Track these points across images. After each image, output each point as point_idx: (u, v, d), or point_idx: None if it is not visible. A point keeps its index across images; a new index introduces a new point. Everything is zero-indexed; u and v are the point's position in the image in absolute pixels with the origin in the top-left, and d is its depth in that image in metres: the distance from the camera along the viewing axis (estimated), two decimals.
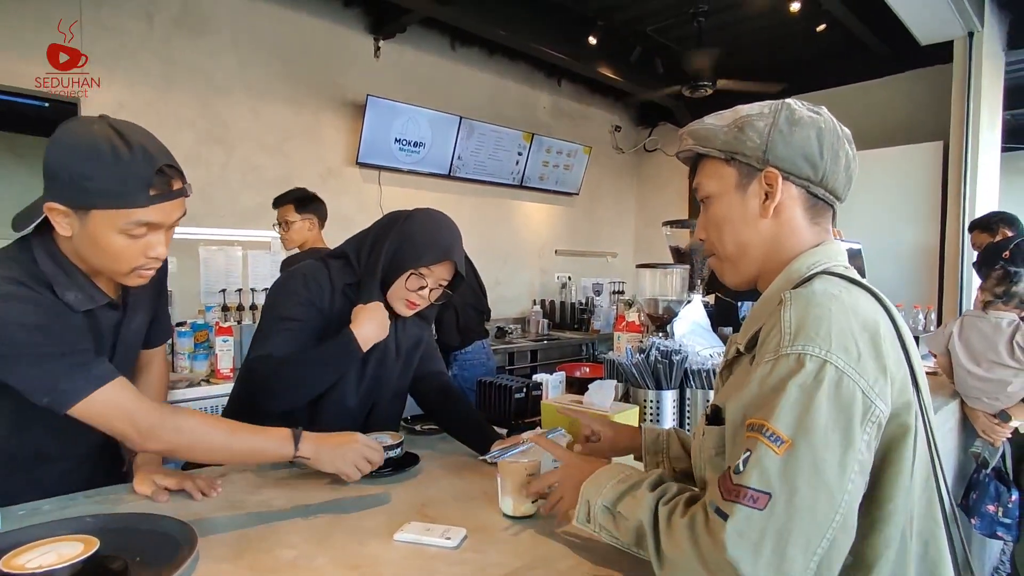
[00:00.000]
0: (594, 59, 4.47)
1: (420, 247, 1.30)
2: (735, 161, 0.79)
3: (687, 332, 1.71)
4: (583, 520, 0.83)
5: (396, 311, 1.33)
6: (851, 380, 0.63)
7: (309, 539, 0.93)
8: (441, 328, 3.11)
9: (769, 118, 0.78)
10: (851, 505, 0.63)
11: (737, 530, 0.61)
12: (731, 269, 0.84)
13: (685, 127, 0.86)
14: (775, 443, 0.62)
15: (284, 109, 3.60)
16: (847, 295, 0.70)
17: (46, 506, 1.03)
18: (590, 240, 5.68)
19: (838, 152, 0.78)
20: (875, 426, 0.64)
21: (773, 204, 0.78)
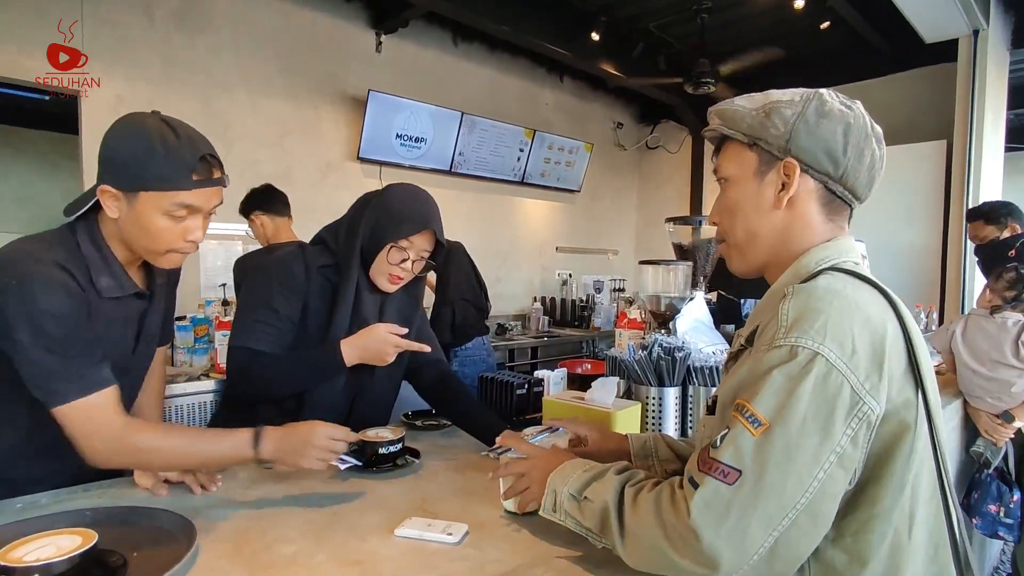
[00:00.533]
0: (596, 55, 4.45)
1: (398, 219, 1.29)
2: (757, 147, 0.78)
3: (689, 329, 1.70)
4: (548, 510, 0.83)
5: (380, 287, 1.33)
6: (840, 374, 0.64)
7: (308, 535, 0.92)
8: (436, 325, 3.11)
9: (798, 107, 0.76)
10: (823, 494, 0.63)
11: (704, 499, 0.64)
12: (738, 256, 0.84)
13: (716, 106, 0.84)
14: (753, 424, 0.64)
15: (284, 104, 3.59)
16: (852, 291, 0.69)
17: (44, 499, 1.03)
18: (591, 237, 5.67)
19: (863, 151, 0.76)
20: (863, 422, 0.64)
21: (788, 195, 0.77)
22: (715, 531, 0.63)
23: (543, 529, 0.95)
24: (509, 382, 1.62)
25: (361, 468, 1.17)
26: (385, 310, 1.38)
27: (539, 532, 0.94)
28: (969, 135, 3.66)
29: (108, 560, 0.77)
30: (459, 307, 3.15)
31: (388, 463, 1.20)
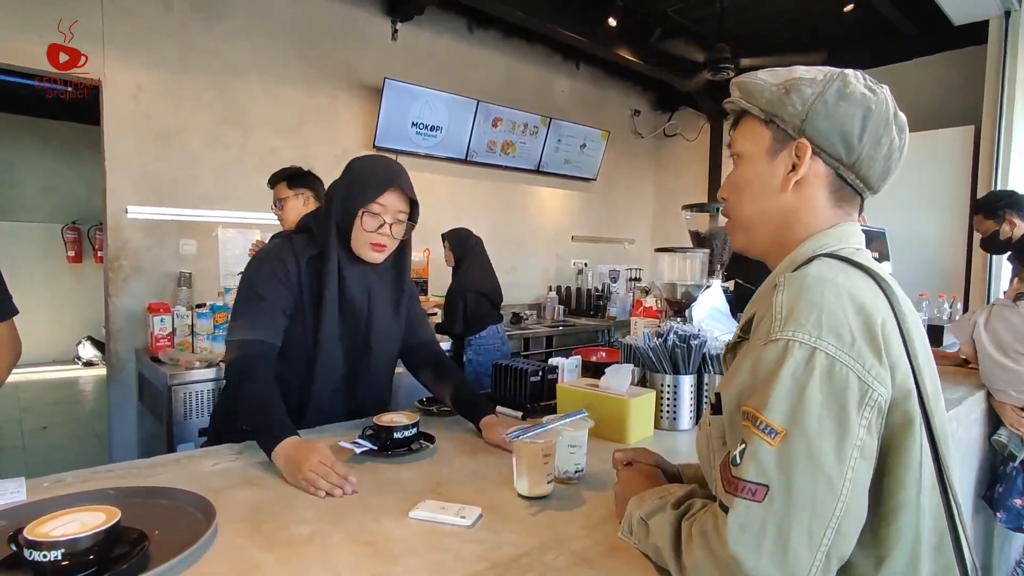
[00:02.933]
0: (613, 41, 4.39)
1: (364, 184, 1.31)
2: (773, 124, 0.75)
3: (705, 317, 1.69)
4: (626, 533, 0.82)
5: (367, 259, 1.34)
6: (844, 366, 0.62)
7: (325, 515, 0.93)
8: (449, 315, 3.14)
9: (819, 86, 0.73)
10: (855, 491, 0.61)
11: (738, 523, 0.60)
12: (742, 234, 0.82)
13: (738, 77, 0.81)
14: (769, 435, 0.61)
15: (301, 92, 3.60)
16: (843, 278, 0.67)
17: (69, 478, 1.05)
18: (607, 226, 5.63)
19: (880, 139, 0.73)
20: (874, 410, 0.62)
21: (796, 177, 0.74)
22: (756, 555, 0.59)
23: (557, 513, 0.95)
24: (523, 369, 1.62)
25: (376, 452, 1.18)
26: (373, 285, 1.39)
27: (553, 516, 0.94)
28: (999, 120, 3.55)
29: (130, 537, 0.79)
30: (471, 299, 3.19)
31: (403, 447, 1.21)
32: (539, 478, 0.99)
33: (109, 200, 2.97)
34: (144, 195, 3.06)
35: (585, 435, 1.10)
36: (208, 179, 3.25)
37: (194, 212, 3.17)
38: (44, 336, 6.16)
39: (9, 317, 1.31)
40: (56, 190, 6.44)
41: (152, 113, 3.05)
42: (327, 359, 1.36)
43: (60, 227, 6.49)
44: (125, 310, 3.04)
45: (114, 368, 3.06)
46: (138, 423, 3.12)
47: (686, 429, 1.46)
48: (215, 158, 3.28)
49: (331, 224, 1.32)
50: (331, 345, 1.36)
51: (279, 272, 1.31)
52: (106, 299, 3.03)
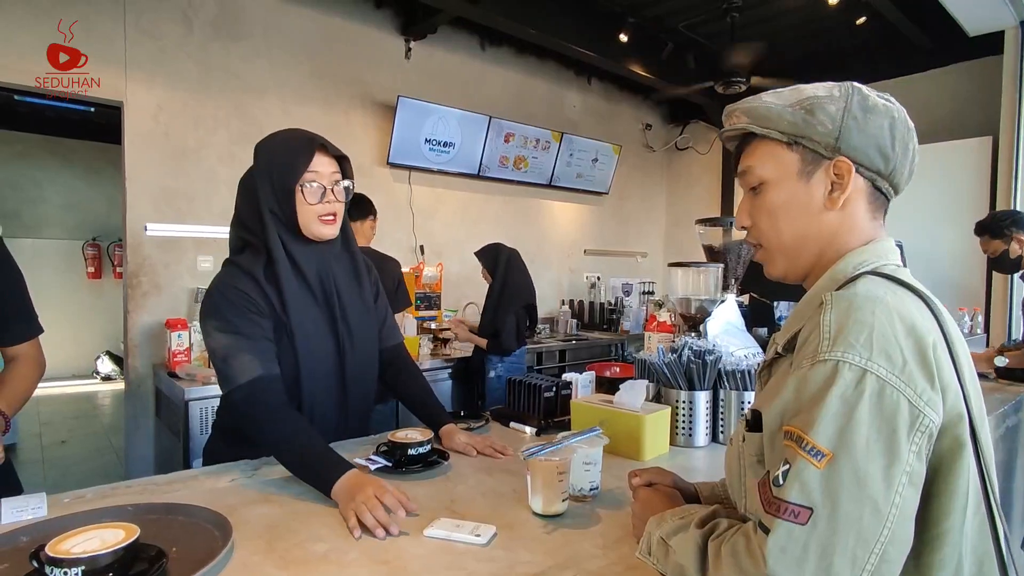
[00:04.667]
0: (624, 56, 4.42)
1: (286, 160, 1.21)
2: (799, 146, 0.74)
3: (721, 332, 1.67)
4: (644, 552, 0.79)
5: (321, 235, 1.24)
6: (894, 389, 0.60)
7: (340, 533, 0.93)
8: (503, 334, 3.08)
9: (841, 102, 0.72)
10: (901, 518, 0.59)
11: (779, 545, 0.59)
12: (783, 260, 0.79)
13: (738, 103, 0.79)
14: (815, 457, 0.60)
15: (315, 109, 3.66)
16: (892, 297, 0.66)
17: (89, 494, 1.06)
18: (619, 240, 5.62)
19: (908, 145, 0.74)
20: (925, 436, 0.60)
21: (843, 196, 0.73)
22: None
23: (572, 531, 0.95)
24: (537, 385, 1.62)
25: (390, 469, 1.18)
26: (330, 264, 1.30)
27: (568, 534, 0.94)
28: (1017, 131, 3.51)
29: (149, 553, 0.80)
30: (520, 315, 3.16)
31: (417, 464, 1.21)
32: (554, 496, 0.99)
33: (129, 217, 3.03)
34: (163, 212, 3.12)
35: (600, 452, 1.10)
36: (225, 196, 3.30)
37: (211, 229, 3.22)
38: (64, 351, 6.25)
39: (35, 336, 1.33)
40: (77, 207, 6.59)
41: (171, 132, 3.12)
42: (310, 356, 1.25)
43: (81, 244, 6.62)
44: (143, 326, 3.08)
45: (132, 383, 3.10)
46: (155, 438, 3.15)
47: (702, 446, 1.45)
48: (232, 175, 3.33)
49: (267, 221, 1.21)
50: (310, 340, 1.25)
51: (241, 300, 1.18)
52: (125, 315, 3.08)
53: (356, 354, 1.33)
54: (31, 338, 1.32)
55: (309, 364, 1.25)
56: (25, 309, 1.31)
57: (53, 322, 1.96)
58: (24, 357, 1.30)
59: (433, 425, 1.38)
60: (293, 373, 1.24)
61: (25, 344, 1.30)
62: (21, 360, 1.30)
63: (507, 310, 3.12)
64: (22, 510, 0.96)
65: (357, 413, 1.38)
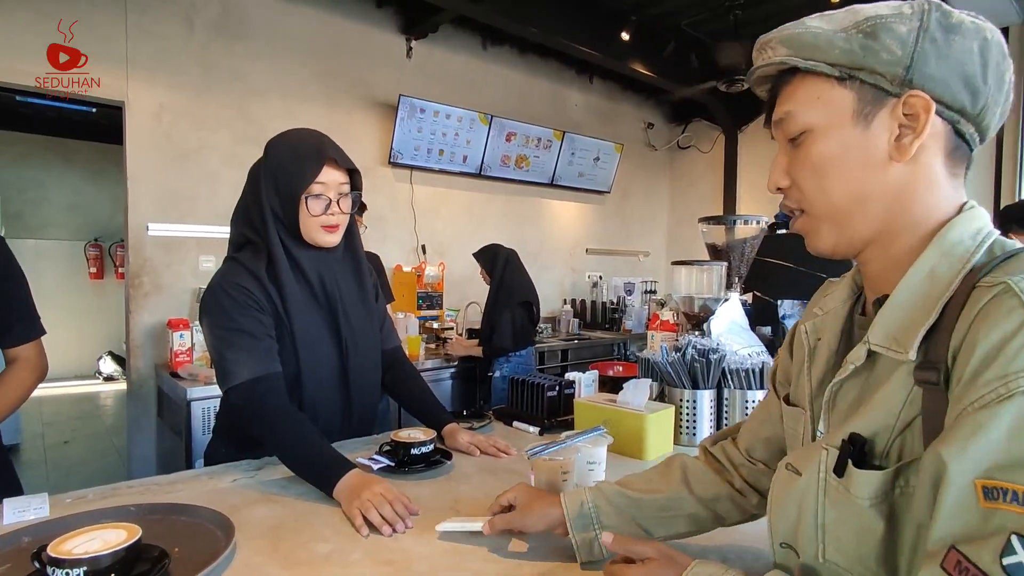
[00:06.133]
0: (626, 55, 4.41)
1: (295, 168, 1.19)
2: (855, 80, 0.57)
3: (725, 330, 1.67)
4: None
5: (322, 244, 1.23)
6: None
7: (343, 533, 0.93)
8: (497, 332, 3.09)
9: (914, 20, 0.55)
10: None
11: None
12: (832, 229, 0.61)
13: (774, 32, 0.64)
14: None
15: (318, 109, 3.66)
16: None
17: (91, 495, 1.06)
18: (621, 239, 5.61)
19: (1003, 76, 0.57)
20: None
21: (918, 142, 0.56)
22: None
23: None
24: (540, 384, 1.61)
25: (393, 469, 1.18)
26: (333, 268, 1.30)
27: None
28: (1021, 129, 3.50)
29: (151, 554, 0.79)
30: (518, 313, 3.15)
31: (420, 464, 1.20)
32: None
33: (131, 217, 3.03)
34: (165, 212, 3.12)
35: (604, 452, 1.09)
36: (227, 196, 3.29)
37: (214, 229, 3.22)
38: (66, 351, 6.26)
39: (37, 337, 1.32)
40: (80, 208, 6.60)
41: (173, 132, 3.12)
42: (312, 358, 1.24)
43: (83, 244, 6.63)
44: (145, 326, 3.08)
45: (134, 383, 3.10)
46: (157, 438, 3.16)
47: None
48: (234, 176, 3.33)
49: (268, 224, 1.20)
50: (312, 343, 1.24)
51: (243, 297, 1.17)
52: (127, 315, 3.08)
53: (359, 356, 1.32)
54: (33, 340, 1.31)
55: (311, 365, 1.24)
56: (27, 311, 1.31)
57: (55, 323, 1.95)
58: (24, 360, 1.30)
59: (435, 425, 1.38)
60: (294, 373, 1.23)
61: (27, 346, 1.30)
62: (20, 364, 1.29)
63: (503, 309, 3.12)
64: (24, 510, 0.96)
65: (361, 415, 1.37)
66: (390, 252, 3.99)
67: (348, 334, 1.30)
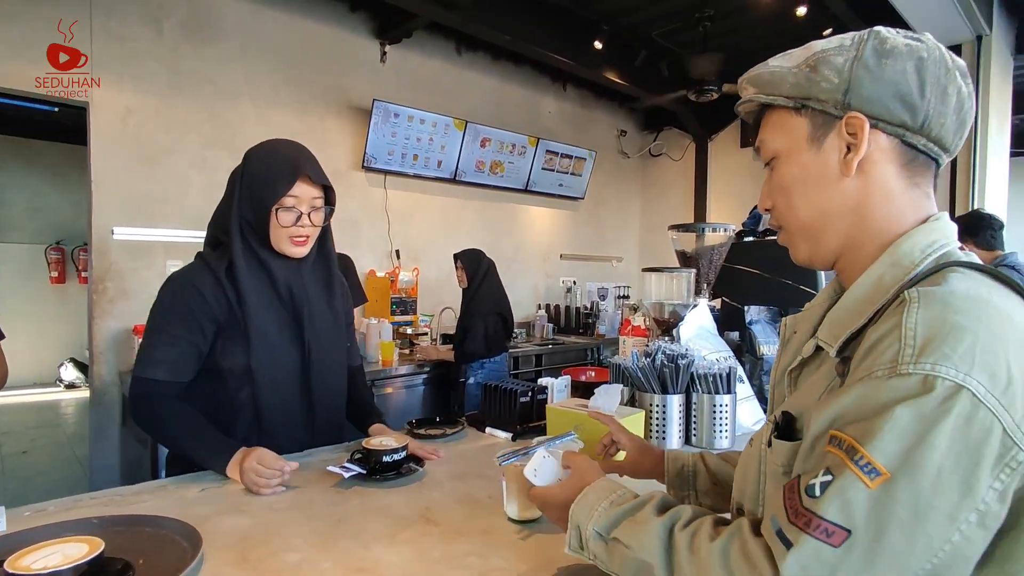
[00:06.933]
0: (599, 63, 4.48)
1: (269, 179, 1.22)
2: (807, 109, 0.65)
3: (693, 336, 1.70)
4: (575, 548, 0.71)
5: (291, 254, 1.27)
6: (990, 413, 0.49)
7: (313, 542, 0.92)
8: (470, 337, 3.12)
9: (851, 51, 0.62)
10: (955, 558, 0.50)
11: (800, 563, 0.50)
12: (807, 243, 0.69)
13: (746, 73, 0.71)
14: (868, 474, 0.50)
15: (290, 113, 3.62)
16: (999, 299, 0.54)
17: (51, 507, 1.03)
18: (595, 244, 5.67)
19: (946, 88, 0.61)
20: (1015, 474, 0.50)
21: (858, 157, 0.62)
22: None
23: (547, 536, 0.95)
24: (513, 390, 1.62)
25: (365, 476, 1.17)
26: (302, 276, 1.32)
27: (543, 539, 0.94)
28: (974, 140, 3.65)
29: (115, 567, 0.78)
30: (491, 321, 3.20)
31: (392, 471, 1.20)
32: (528, 502, 0.99)
33: (95, 221, 2.96)
34: (131, 216, 3.05)
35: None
36: (196, 200, 3.24)
37: (183, 233, 3.16)
38: (25, 358, 6.04)
39: None
40: (41, 210, 6.38)
41: (140, 135, 3.06)
42: (270, 361, 1.26)
43: (44, 247, 6.41)
44: (110, 332, 3.01)
45: (97, 391, 3.02)
46: (121, 447, 3.07)
47: (674, 448, 1.46)
48: (203, 180, 3.27)
49: (235, 230, 1.24)
50: (269, 342, 1.26)
51: (191, 299, 1.21)
52: (90, 321, 2.99)
53: (322, 362, 1.34)
54: None
55: (265, 363, 1.26)
56: None
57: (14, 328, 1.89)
58: None
59: (362, 425, 1.43)
60: (243, 367, 1.24)
61: None
62: None
63: (476, 314, 3.16)
64: None
65: (326, 420, 1.37)
66: (363, 257, 3.96)
67: (312, 338, 1.31)
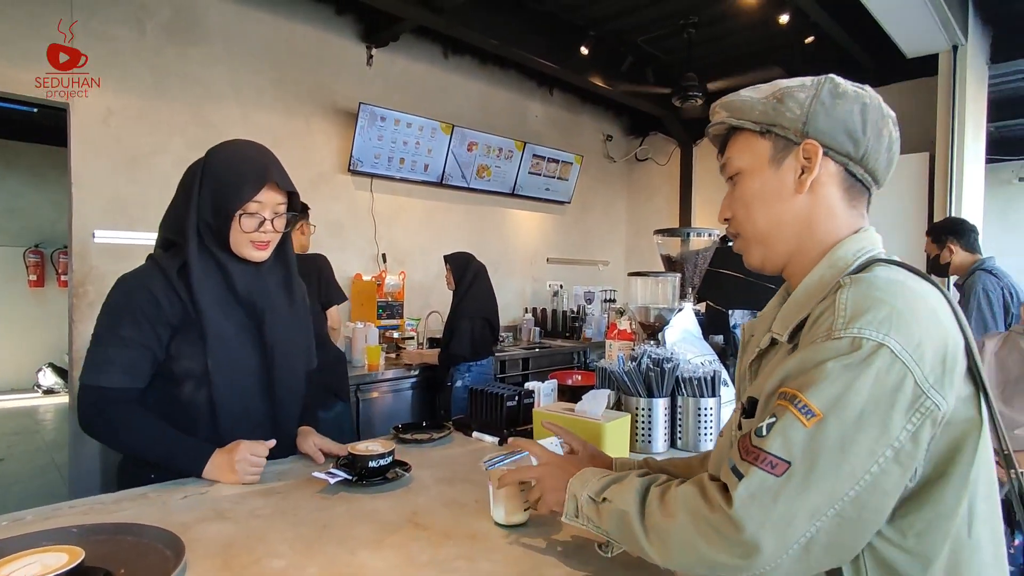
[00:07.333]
0: (585, 69, 4.50)
1: (234, 184, 1.19)
2: (771, 134, 0.77)
3: (678, 340, 1.72)
4: (571, 515, 0.82)
5: (250, 259, 1.25)
6: (904, 366, 0.60)
7: (298, 548, 0.92)
8: (456, 338, 3.12)
9: (811, 90, 0.75)
10: (874, 489, 0.60)
11: (749, 492, 0.62)
12: (760, 249, 0.81)
13: (719, 100, 0.82)
14: (805, 414, 0.61)
15: (275, 116, 3.60)
16: (913, 283, 0.67)
17: (29, 516, 1.02)
18: (581, 248, 5.69)
19: (881, 130, 0.75)
20: (925, 418, 0.61)
21: (811, 178, 0.75)
22: (759, 522, 0.61)
23: (533, 541, 0.95)
24: (499, 394, 1.63)
25: (351, 482, 1.17)
26: (261, 280, 1.29)
27: (530, 544, 0.94)
28: (951, 147, 3.72)
29: None
30: (477, 324, 3.20)
31: (378, 476, 1.20)
32: (515, 506, 0.99)
33: (75, 224, 2.91)
34: (114, 219, 3.00)
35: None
36: None
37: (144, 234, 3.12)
38: (2, 363, 5.93)
39: None
40: (20, 212, 6.27)
41: (123, 137, 3.01)
42: (228, 362, 1.22)
43: (23, 250, 6.30)
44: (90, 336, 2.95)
45: (76, 397, 2.96)
46: (101, 454, 3.01)
47: (661, 452, 1.48)
48: None
49: (189, 230, 1.20)
50: (228, 345, 1.22)
51: (143, 301, 1.17)
52: (70, 325, 2.94)
53: (285, 366, 1.31)
54: None
55: (224, 367, 1.22)
56: None
57: None
58: None
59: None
60: (201, 370, 1.21)
61: None
62: None
63: (463, 317, 3.17)
64: None
65: (288, 429, 1.36)
66: (349, 260, 3.94)
67: (274, 342, 1.29)
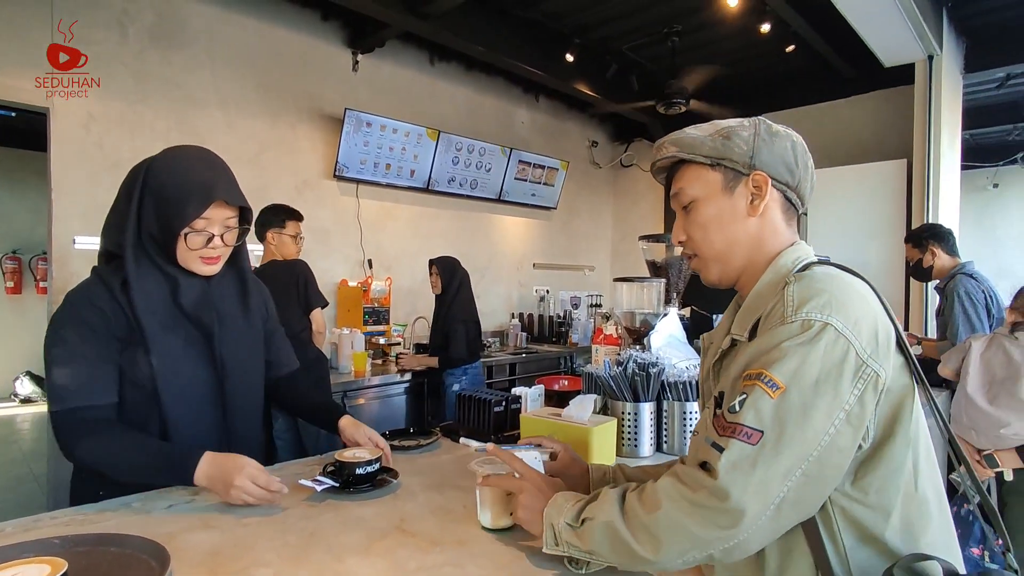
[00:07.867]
0: (571, 76, 4.54)
1: (176, 201, 1.11)
2: (721, 166, 0.87)
3: (664, 345, 1.74)
4: (551, 545, 0.85)
5: (201, 273, 1.19)
6: (846, 341, 0.71)
7: (285, 556, 0.91)
8: (453, 340, 3.16)
9: (751, 129, 0.87)
10: (832, 447, 0.70)
11: (731, 461, 0.70)
12: (718, 266, 0.91)
13: (666, 137, 0.92)
14: (771, 388, 0.71)
15: (260, 121, 3.58)
16: (845, 276, 0.80)
17: (9, 527, 1.00)
18: (568, 254, 5.72)
19: (807, 164, 0.89)
20: (868, 384, 0.72)
21: (763, 203, 0.86)
22: (742, 487, 0.69)
23: (521, 544, 0.96)
24: (487, 400, 1.63)
25: (338, 489, 1.16)
26: (212, 292, 1.23)
27: (518, 548, 0.95)
28: (928, 154, 3.81)
29: None
30: (470, 326, 3.27)
31: (366, 483, 1.19)
32: (502, 510, 1.00)
33: (55, 230, 2.86)
34: (95, 225, 2.94)
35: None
36: None
37: None
38: None
39: None
40: None
41: (104, 142, 2.98)
42: (176, 377, 1.17)
43: None
44: None
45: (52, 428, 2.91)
46: None
47: (647, 456, 1.49)
48: None
49: (127, 242, 1.13)
50: (175, 361, 1.17)
51: (92, 317, 1.12)
52: None
53: (238, 380, 1.26)
54: None
55: (172, 383, 1.17)
56: None
57: None
58: None
59: (331, 423, 1.36)
60: (151, 390, 1.16)
61: None
62: None
63: (456, 319, 3.22)
64: None
65: (243, 443, 1.27)
66: (335, 266, 3.92)
67: (226, 355, 1.23)
